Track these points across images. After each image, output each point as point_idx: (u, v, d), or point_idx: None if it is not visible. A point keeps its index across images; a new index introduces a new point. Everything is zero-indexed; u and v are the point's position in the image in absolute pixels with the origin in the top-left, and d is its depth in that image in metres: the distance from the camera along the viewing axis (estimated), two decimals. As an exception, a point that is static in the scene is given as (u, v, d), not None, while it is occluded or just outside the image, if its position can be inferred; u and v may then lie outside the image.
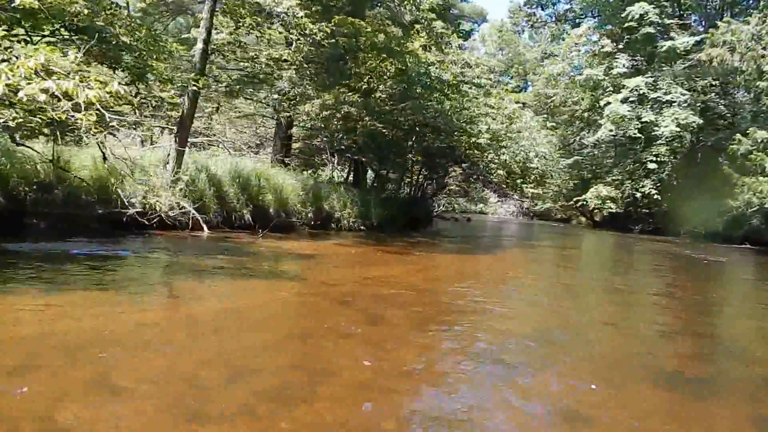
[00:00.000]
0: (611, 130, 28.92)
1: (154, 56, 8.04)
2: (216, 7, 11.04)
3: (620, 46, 30.66)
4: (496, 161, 20.58)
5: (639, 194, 28.74)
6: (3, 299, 4.30)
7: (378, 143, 16.19)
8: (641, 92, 27.91)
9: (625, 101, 28.17)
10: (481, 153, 19.11)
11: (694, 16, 32.54)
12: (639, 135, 28.37)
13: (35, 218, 8.82)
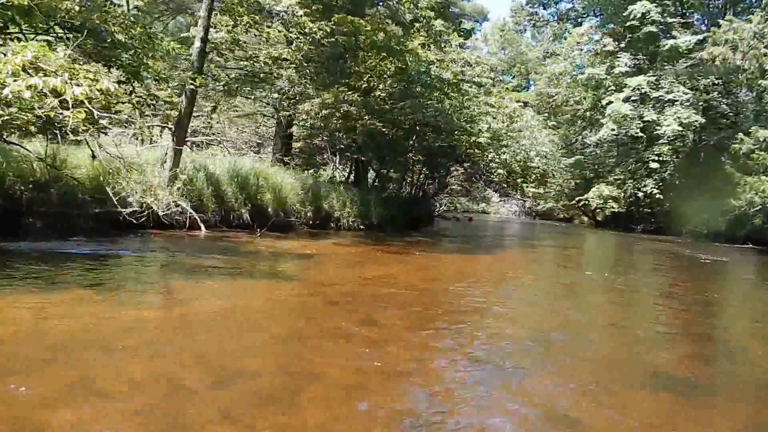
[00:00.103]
0: (613, 130, 28.80)
1: (150, 54, 7.97)
2: (214, 6, 10.98)
3: (622, 45, 30.55)
4: (497, 160, 20.48)
5: (641, 194, 28.59)
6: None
7: (378, 142, 16.11)
8: (643, 91, 27.78)
9: (627, 100, 28.05)
10: (482, 152, 19.01)
11: (697, 15, 32.40)
12: (641, 134, 28.23)
13: (31, 217, 8.79)
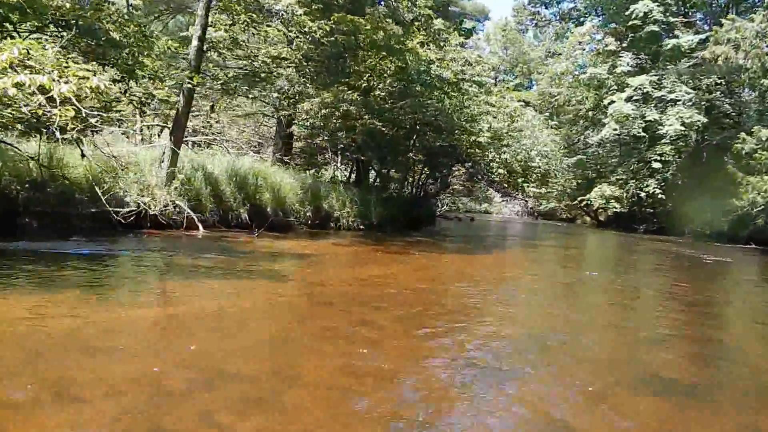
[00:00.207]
0: (615, 129, 28.66)
1: (146, 53, 7.91)
2: (212, 5, 10.93)
3: (624, 45, 30.43)
4: (498, 160, 20.38)
5: (643, 194, 28.45)
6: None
7: (378, 142, 16.05)
8: (645, 91, 27.64)
9: (630, 100, 27.92)
10: (482, 152, 18.92)
11: (699, 14, 32.24)
12: (643, 134, 28.08)
13: (28, 217, 8.75)
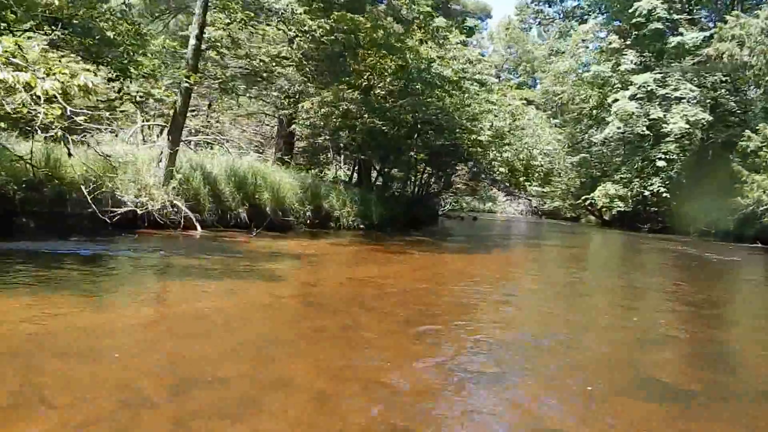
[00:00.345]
0: (619, 128, 28.49)
1: (141, 51, 7.85)
2: (210, 3, 10.86)
3: (628, 43, 30.24)
4: (499, 159, 20.26)
5: (648, 192, 28.25)
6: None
7: (378, 141, 15.97)
8: (649, 89, 27.45)
9: (633, 98, 27.74)
10: (483, 150, 18.81)
11: (704, 11, 31.99)
12: (648, 132, 27.89)
13: (24, 218, 8.72)
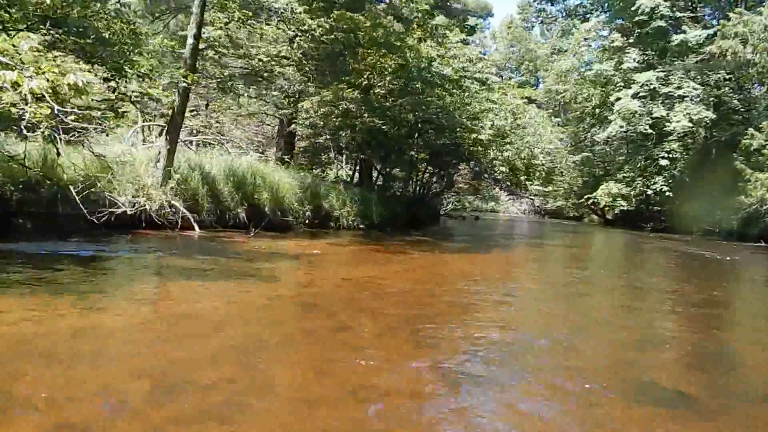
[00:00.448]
0: (622, 126, 28.32)
1: (136, 51, 7.82)
2: (207, 2, 10.84)
3: (630, 41, 30.07)
4: (500, 158, 20.17)
5: (651, 191, 28.08)
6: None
7: (378, 140, 15.92)
8: (652, 87, 27.28)
9: (636, 96, 27.58)
10: (484, 150, 18.73)
11: (707, 9, 31.79)
12: (650, 131, 27.71)
13: (21, 218, 8.71)
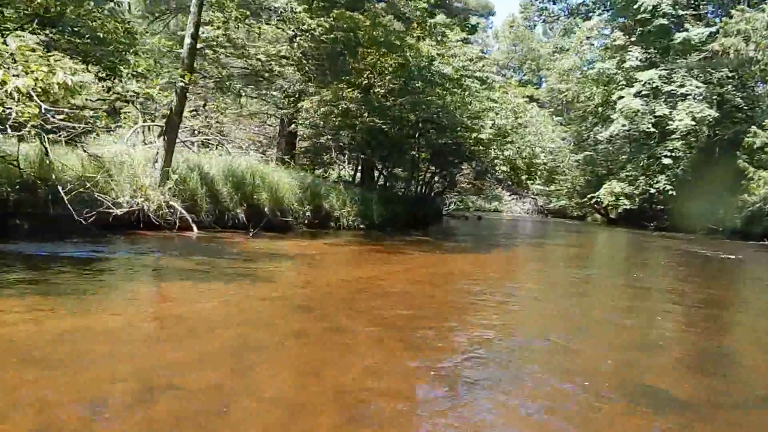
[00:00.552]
0: (624, 125, 28.21)
1: (131, 50, 7.78)
2: (205, 1, 10.80)
3: (633, 39, 29.95)
4: (501, 157, 20.09)
5: (654, 190, 27.95)
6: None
7: (379, 140, 15.86)
8: (655, 86, 27.16)
9: (639, 95, 27.46)
10: (485, 149, 18.65)
11: (710, 7, 31.62)
12: (653, 130, 27.60)
13: (18, 219, 8.68)
